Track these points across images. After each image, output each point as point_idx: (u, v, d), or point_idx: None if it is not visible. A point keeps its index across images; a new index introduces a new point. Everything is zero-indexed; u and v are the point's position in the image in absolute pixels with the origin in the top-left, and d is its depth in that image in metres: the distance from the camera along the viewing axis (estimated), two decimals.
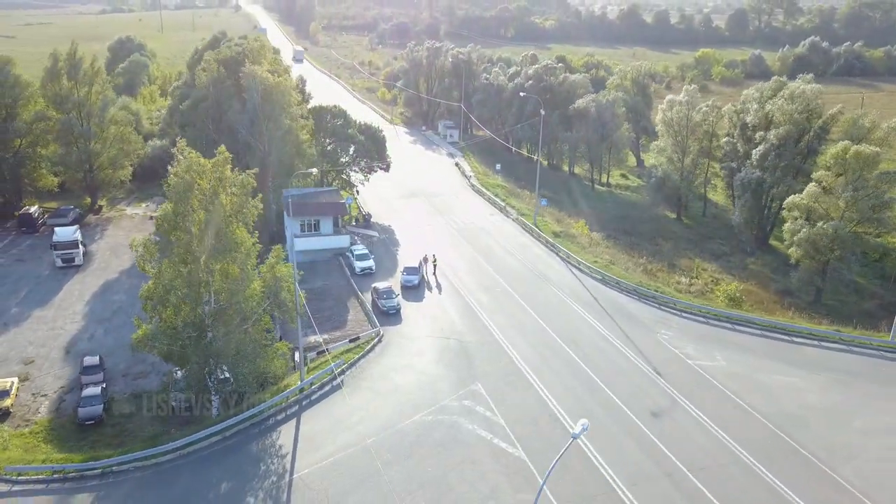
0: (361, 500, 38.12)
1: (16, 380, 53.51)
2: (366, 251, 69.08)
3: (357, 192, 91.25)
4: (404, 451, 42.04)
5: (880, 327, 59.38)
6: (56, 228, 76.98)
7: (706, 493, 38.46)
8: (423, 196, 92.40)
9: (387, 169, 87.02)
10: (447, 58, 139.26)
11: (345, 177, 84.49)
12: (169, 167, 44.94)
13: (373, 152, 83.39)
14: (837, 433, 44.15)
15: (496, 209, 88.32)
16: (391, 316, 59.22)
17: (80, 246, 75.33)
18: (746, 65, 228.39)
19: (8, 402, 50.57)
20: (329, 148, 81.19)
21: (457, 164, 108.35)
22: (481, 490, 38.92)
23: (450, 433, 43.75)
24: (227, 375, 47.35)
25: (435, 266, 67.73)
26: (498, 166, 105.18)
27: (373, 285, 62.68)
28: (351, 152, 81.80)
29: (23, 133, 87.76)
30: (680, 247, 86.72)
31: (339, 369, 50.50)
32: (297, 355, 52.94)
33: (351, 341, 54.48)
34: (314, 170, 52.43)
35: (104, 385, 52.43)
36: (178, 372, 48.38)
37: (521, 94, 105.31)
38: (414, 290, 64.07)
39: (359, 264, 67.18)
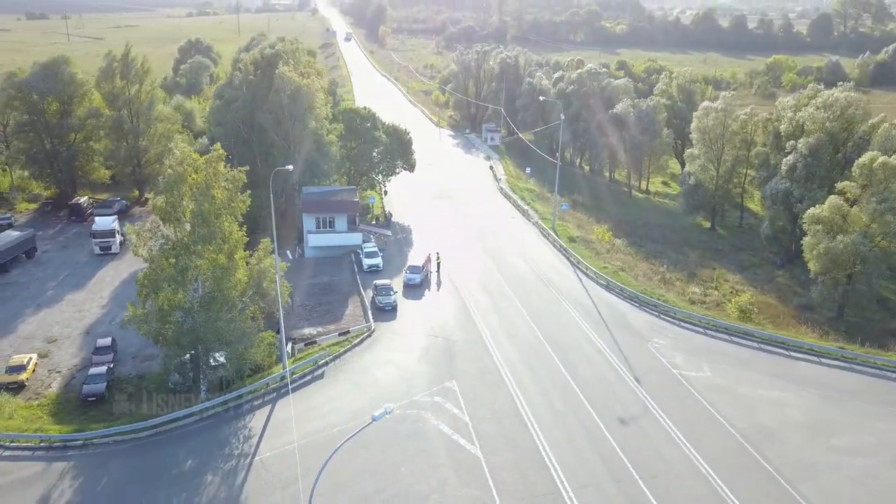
0: (310, 484, 39.62)
1: (34, 356, 57.58)
2: (375, 249, 70.81)
3: (385, 192, 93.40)
4: (365, 441, 43.22)
5: (890, 346, 56.81)
6: (96, 218, 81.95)
7: (651, 501, 38.15)
8: (449, 197, 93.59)
9: (411, 170, 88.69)
10: (495, 62, 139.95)
11: (368, 178, 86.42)
12: (165, 161, 47.78)
13: (396, 153, 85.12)
14: (810, 451, 42.83)
15: (519, 212, 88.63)
16: (387, 312, 60.70)
17: (118, 235, 79.86)
18: (822, 72, 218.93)
19: (24, 376, 54.44)
20: (354, 151, 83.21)
21: (491, 168, 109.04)
22: (429, 483, 39.82)
23: (413, 427, 44.79)
24: (222, 361, 49.90)
25: (439, 265, 68.85)
26: (528, 170, 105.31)
27: (374, 282, 64.30)
28: (375, 154, 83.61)
29: (77, 128, 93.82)
30: (706, 256, 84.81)
31: (322, 360, 52.32)
32: (289, 346, 55.17)
33: (341, 335, 56.25)
34: (290, 167, 53.80)
35: (111, 365, 55.82)
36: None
37: (541, 97, 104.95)
38: (416, 288, 65.34)
39: (367, 261, 68.97)
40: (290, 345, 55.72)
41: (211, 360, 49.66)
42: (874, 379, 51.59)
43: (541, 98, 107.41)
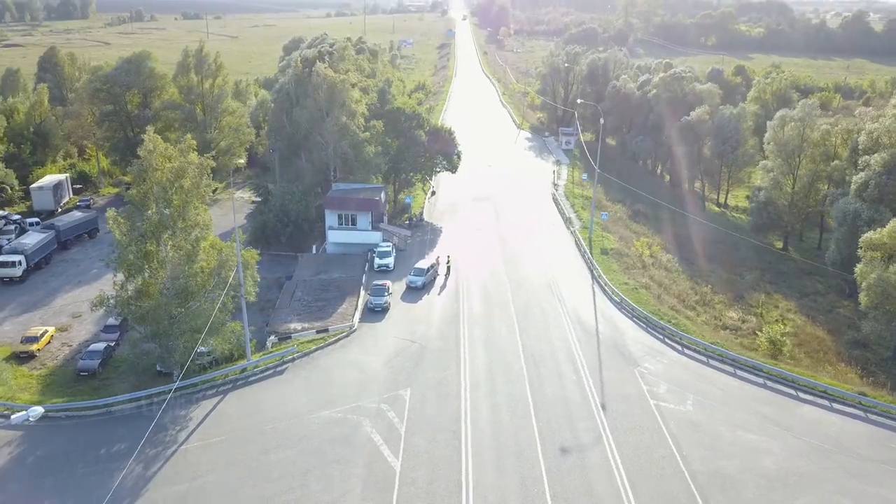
0: (218, 480, 39.51)
1: (51, 329, 61.54)
2: (388, 249, 69.97)
3: (433, 192, 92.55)
4: (290, 442, 42.64)
5: None
6: None
7: None
8: (494, 200, 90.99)
9: (453, 170, 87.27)
10: (584, 64, 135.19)
11: (407, 177, 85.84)
12: (138, 151, 49.52)
13: (434, 153, 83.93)
14: None
15: (563, 219, 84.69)
16: (377, 313, 59.71)
17: None
18: None
19: (34, 347, 58.28)
20: (394, 149, 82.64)
21: (554, 172, 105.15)
22: (332, 491, 38.49)
23: (345, 433, 43.55)
24: (204, 349, 51.20)
25: (449, 269, 67.15)
26: (584, 176, 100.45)
27: (372, 282, 63.54)
28: (411, 153, 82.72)
29: (153, 119, 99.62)
30: (764, 279, 77.51)
31: (288, 357, 52.25)
32: (268, 342, 55.60)
33: (318, 332, 55.87)
34: (241, 160, 53.85)
35: (113, 344, 58.55)
36: None
37: (579, 100, 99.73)
38: (417, 290, 63.88)
39: (377, 261, 68.37)
40: (271, 338, 56.22)
41: (198, 349, 50.97)
42: (887, 432, 44.64)
43: (578, 101, 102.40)
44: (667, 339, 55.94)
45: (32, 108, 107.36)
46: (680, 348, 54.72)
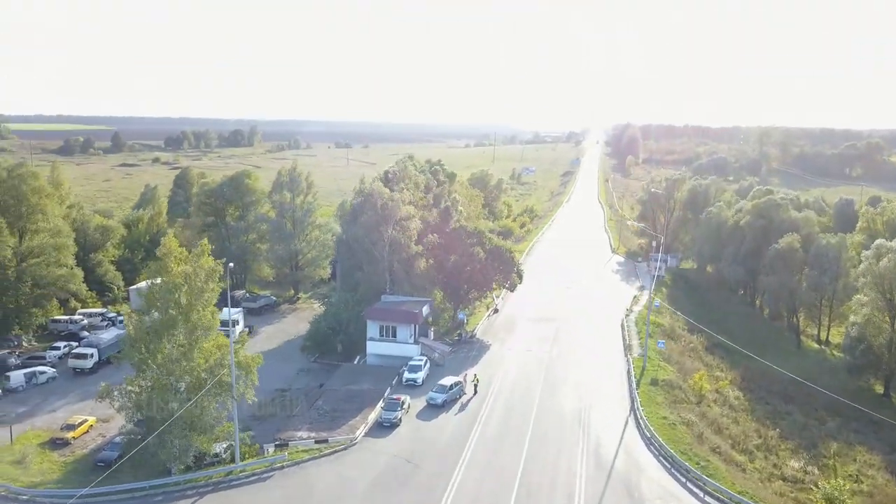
0: None
1: (91, 419, 64.65)
2: (419, 363, 68.67)
3: (496, 309, 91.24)
4: None
5: None
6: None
7: None
8: (557, 322, 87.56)
9: (511, 289, 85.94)
10: (683, 190, 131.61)
11: (464, 293, 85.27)
12: (156, 251, 52.84)
13: (492, 270, 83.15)
14: None
15: (623, 346, 79.85)
16: (385, 428, 57.91)
17: (238, 325, 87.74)
18: None
19: (70, 434, 61.40)
20: (451, 265, 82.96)
21: (635, 297, 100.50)
22: None
23: None
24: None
25: (476, 387, 64.66)
26: (657, 303, 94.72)
27: (389, 396, 62.18)
28: (468, 269, 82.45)
29: (247, 231, 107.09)
30: (849, 427, 68.16)
31: (277, 464, 51.45)
32: (266, 448, 55.23)
33: (317, 442, 54.79)
34: (231, 264, 55.31)
35: (138, 437, 60.44)
36: None
37: (630, 221, 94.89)
38: (436, 408, 61.59)
39: (406, 375, 67.24)
40: (275, 443, 55.80)
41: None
42: None
43: (629, 222, 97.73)
44: (688, 483, 49.70)
45: (151, 218, 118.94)
46: (701, 495, 48.31)
